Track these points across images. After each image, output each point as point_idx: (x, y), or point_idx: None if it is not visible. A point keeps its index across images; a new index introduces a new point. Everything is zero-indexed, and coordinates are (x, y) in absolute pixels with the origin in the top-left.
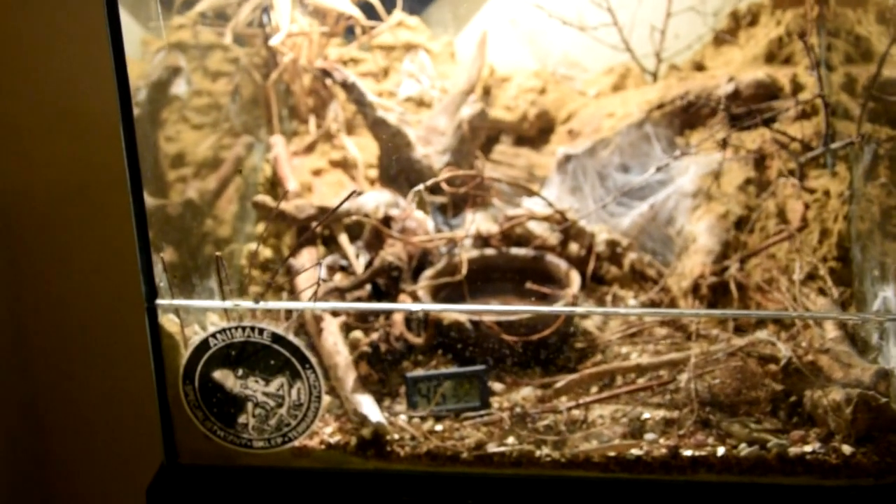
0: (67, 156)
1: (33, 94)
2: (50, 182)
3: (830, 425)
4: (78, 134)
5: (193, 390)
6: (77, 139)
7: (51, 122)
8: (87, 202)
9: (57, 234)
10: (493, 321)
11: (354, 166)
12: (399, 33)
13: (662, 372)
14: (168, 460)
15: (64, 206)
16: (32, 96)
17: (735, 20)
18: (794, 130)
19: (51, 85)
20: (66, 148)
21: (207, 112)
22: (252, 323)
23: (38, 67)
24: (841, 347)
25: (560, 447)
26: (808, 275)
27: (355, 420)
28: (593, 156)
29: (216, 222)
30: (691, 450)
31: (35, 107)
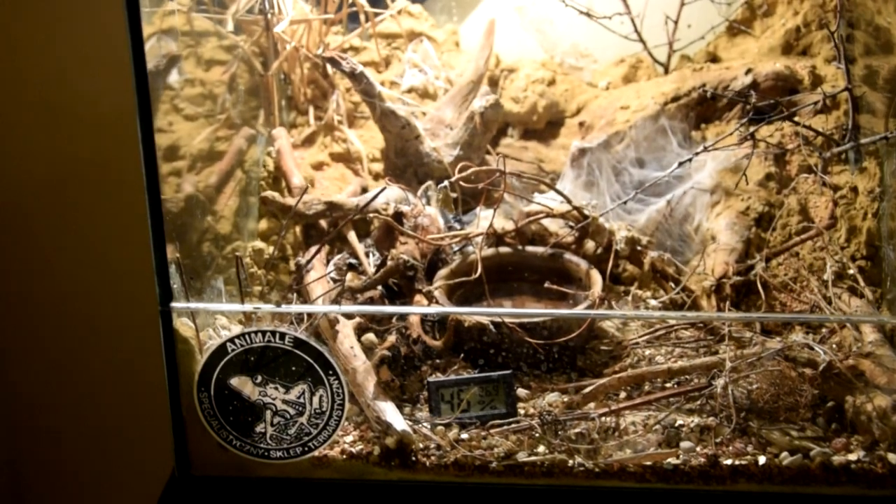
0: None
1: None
2: (44, 177)
3: (875, 433)
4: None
5: (209, 398)
6: (74, 134)
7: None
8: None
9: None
10: (515, 324)
11: (358, 160)
12: (402, 21)
13: (691, 376)
14: (180, 471)
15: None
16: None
17: (750, 10)
18: (817, 124)
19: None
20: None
21: (202, 102)
22: (273, 327)
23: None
24: (883, 351)
25: (593, 456)
26: (838, 274)
27: (378, 428)
28: (608, 150)
29: (216, 219)
30: (731, 458)
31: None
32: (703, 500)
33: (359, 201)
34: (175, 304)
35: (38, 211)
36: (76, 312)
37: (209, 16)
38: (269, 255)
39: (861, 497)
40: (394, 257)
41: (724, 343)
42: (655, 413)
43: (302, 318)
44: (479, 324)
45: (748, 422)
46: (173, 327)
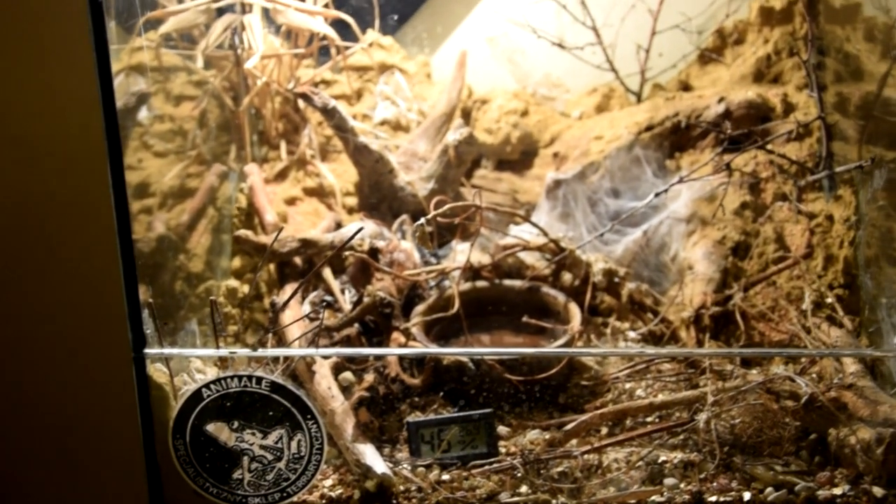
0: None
1: None
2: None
3: (859, 466)
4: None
5: (184, 444)
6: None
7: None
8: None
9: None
10: (493, 360)
11: (332, 194)
12: (373, 53)
13: (675, 411)
14: None
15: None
16: None
17: (721, 38)
18: (790, 152)
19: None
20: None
21: (171, 138)
22: (249, 372)
23: None
24: (864, 382)
25: (577, 495)
26: (816, 303)
27: (358, 471)
28: (583, 180)
29: (188, 257)
30: (715, 495)
31: None
32: None
33: (333, 237)
34: (148, 351)
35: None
36: (45, 357)
37: (178, 52)
38: (243, 294)
39: None
40: (370, 294)
41: (705, 376)
42: (638, 449)
43: (278, 359)
44: (458, 361)
45: (732, 457)
46: (147, 374)
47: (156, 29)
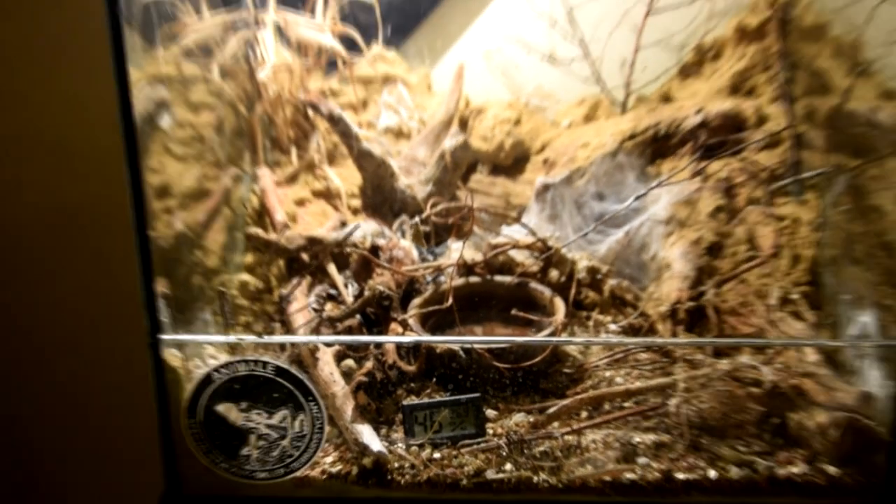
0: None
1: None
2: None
3: (816, 447)
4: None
5: (197, 423)
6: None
7: (43, 154)
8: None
9: (44, 270)
10: (483, 349)
11: (337, 196)
12: (378, 66)
13: (649, 396)
14: (170, 491)
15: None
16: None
17: (700, 54)
18: (762, 160)
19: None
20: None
21: (191, 144)
22: (256, 356)
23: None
24: (822, 371)
25: (556, 473)
26: (783, 299)
27: (356, 450)
28: (570, 185)
29: (204, 253)
30: (684, 473)
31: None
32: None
33: (338, 235)
34: (163, 336)
35: (38, 246)
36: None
37: (196, 62)
38: (254, 287)
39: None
40: (370, 288)
41: (677, 365)
42: (614, 431)
43: (284, 345)
44: (450, 350)
45: (700, 438)
46: (162, 357)
47: (176, 42)
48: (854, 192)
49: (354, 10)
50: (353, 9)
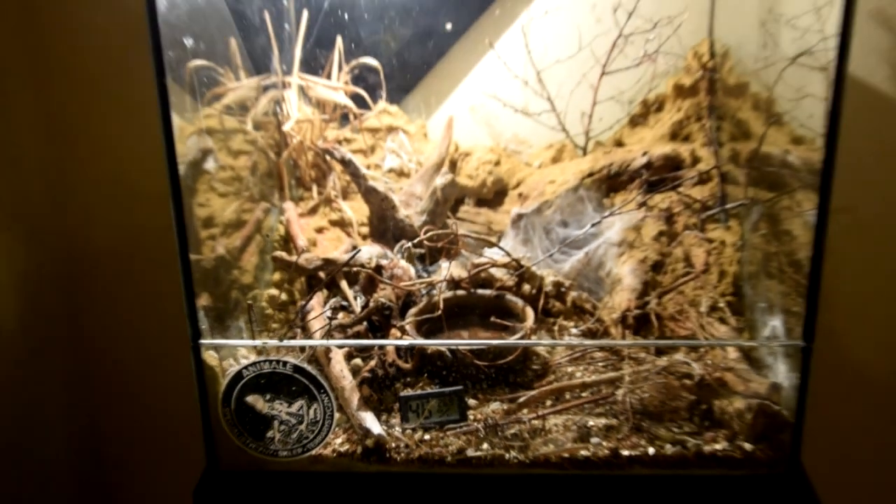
0: (120, 222)
1: (94, 170)
2: (108, 243)
3: (735, 428)
4: (130, 204)
5: (230, 412)
6: (129, 208)
7: (108, 194)
8: (138, 259)
9: (114, 286)
10: (466, 350)
11: (350, 225)
12: (383, 118)
13: (603, 388)
14: (210, 467)
15: (119, 262)
16: (93, 172)
17: (645, 107)
18: (695, 193)
19: (109, 163)
20: (121, 216)
21: (231, 183)
22: (277, 357)
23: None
24: (741, 366)
25: (524, 451)
26: (711, 307)
27: (360, 433)
28: (540, 214)
29: (241, 272)
30: (628, 450)
31: (95, 181)
32: (608, 483)
33: (348, 258)
34: (202, 341)
35: (111, 268)
36: (137, 346)
37: (235, 117)
38: (281, 300)
39: (725, 476)
40: (375, 300)
41: (625, 362)
42: (572, 416)
43: (304, 347)
44: (439, 351)
45: (641, 422)
46: (202, 358)
47: (219, 101)
48: (769, 219)
49: (363, 73)
50: (362, 72)
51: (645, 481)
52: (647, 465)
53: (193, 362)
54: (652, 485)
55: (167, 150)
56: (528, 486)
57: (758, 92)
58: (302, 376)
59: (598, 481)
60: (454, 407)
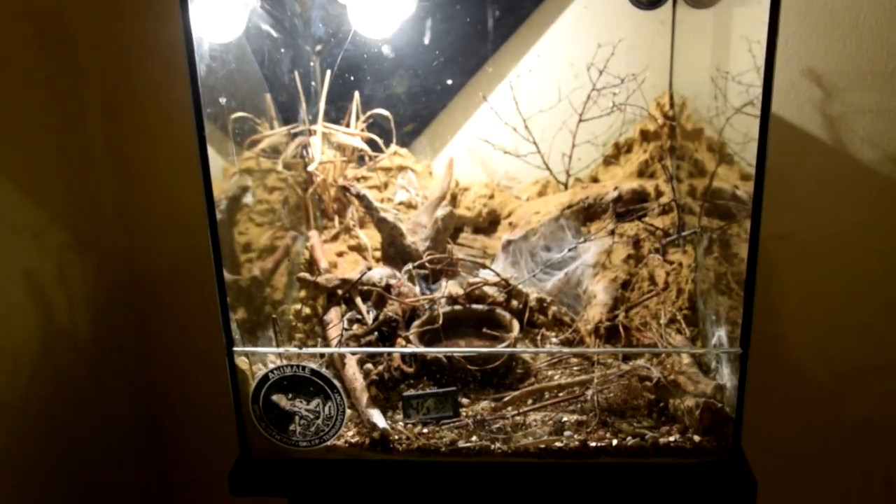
0: (177, 247)
1: (155, 204)
2: (166, 265)
3: (686, 423)
4: (184, 231)
5: (258, 409)
6: (183, 235)
7: (166, 223)
8: (190, 279)
9: (171, 302)
10: (460, 357)
11: (365, 250)
12: (394, 159)
13: (576, 388)
14: (243, 455)
15: (175, 281)
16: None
17: (617, 149)
18: (658, 222)
19: (167, 197)
20: (177, 242)
21: (266, 214)
22: (298, 362)
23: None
24: (692, 370)
25: (507, 442)
26: (670, 320)
27: (368, 427)
28: (526, 240)
29: (272, 290)
30: (595, 441)
31: (155, 213)
32: (578, 469)
33: (362, 277)
34: (235, 349)
35: (169, 283)
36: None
37: (268, 159)
38: (305, 314)
39: (677, 463)
40: (384, 314)
41: (594, 366)
42: (549, 413)
43: (321, 354)
44: (437, 358)
45: (607, 417)
46: (235, 363)
47: (256, 146)
48: (721, 244)
49: (377, 121)
50: (376, 120)
51: (609, 468)
52: (611, 455)
53: (228, 367)
54: (615, 471)
55: (206, 189)
56: (509, 472)
57: (711, 136)
58: (318, 378)
59: (570, 468)
60: (448, 405)
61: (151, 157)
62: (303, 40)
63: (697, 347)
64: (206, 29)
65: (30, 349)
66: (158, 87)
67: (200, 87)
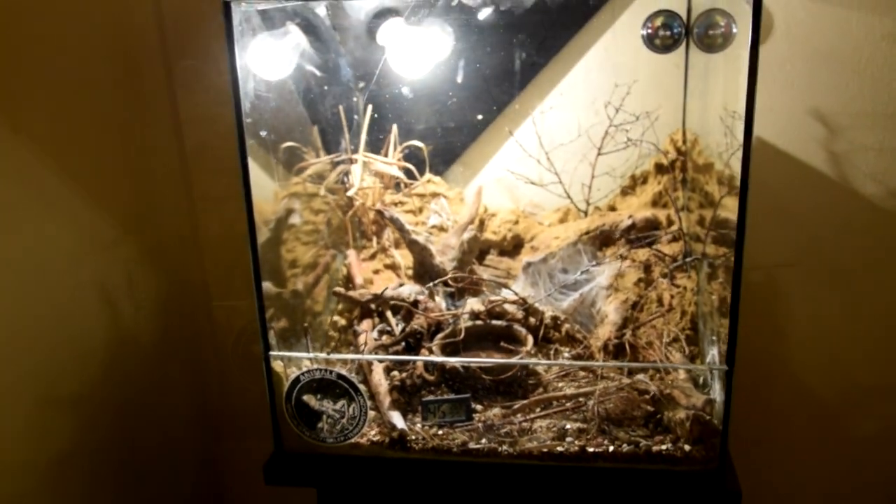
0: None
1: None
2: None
3: (678, 433)
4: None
5: (291, 408)
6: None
7: (221, 241)
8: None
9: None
10: (477, 367)
11: (399, 268)
12: (428, 186)
13: (579, 399)
14: (277, 449)
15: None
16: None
17: (633, 180)
18: (668, 249)
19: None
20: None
21: (311, 234)
22: (326, 367)
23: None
24: (686, 385)
25: (513, 445)
26: (673, 339)
27: (389, 427)
28: (545, 263)
29: (313, 302)
30: (593, 447)
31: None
32: (577, 472)
33: (392, 293)
34: (271, 353)
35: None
36: None
37: (314, 184)
38: (341, 324)
39: (668, 471)
40: (411, 327)
41: (599, 379)
42: (554, 420)
43: (354, 361)
44: (455, 367)
45: (605, 426)
46: (271, 366)
47: (303, 173)
48: (719, 271)
49: (413, 151)
50: (412, 151)
51: (606, 472)
52: (607, 460)
53: (265, 370)
54: (611, 475)
55: (248, 211)
56: (514, 473)
57: (721, 170)
58: (343, 382)
59: (569, 471)
60: (462, 410)
61: (211, 181)
62: (346, 78)
63: (695, 364)
64: (261, 68)
65: (100, 350)
66: (217, 119)
67: (246, 120)
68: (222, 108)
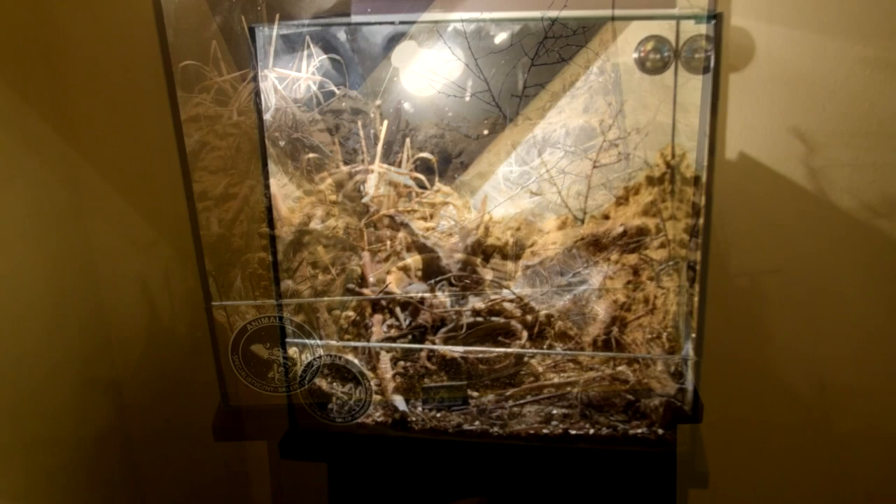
0: None
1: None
2: None
3: (653, 417)
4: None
5: (304, 389)
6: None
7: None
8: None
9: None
10: (474, 358)
11: (409, 269)
12: (438, 195)
13: (565, 387)
14: (291, 427)
15: None
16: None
17: (626, 192)
18: (655, 255)
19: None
20: None
21: (331, 238)
22: (338, 354)
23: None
24: (663, 375)
25: (504, 427)
26: (656, 336)
27: (392, 409)
28: (543, 266)
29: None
30: (576, 430)
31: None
32: (561, 452)
33: (402, 292)
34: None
35: None
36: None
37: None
38: (355, 319)
39: (643, 452)
40: (417, 321)
41: (584, 370)
42: (542, 406)
43: (366, 351)
44: (454, 357)
45: (587, 411)
46: (287, 355)
47: (324, 181)
48: (697, 273)
49: (424, 162)
50: (424, 162)
51: (586, 453)
52: (588, 442)
53: (281, 357)
54: (591, 456)
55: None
56: (504, 452)
57: (704, 182)
58: (351, 367)
59: (553, 452)
60: (459, 396)
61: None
62: (363, 95)
63: (665, 356)
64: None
65: (139, 339)
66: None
67: (266, 137)
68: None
